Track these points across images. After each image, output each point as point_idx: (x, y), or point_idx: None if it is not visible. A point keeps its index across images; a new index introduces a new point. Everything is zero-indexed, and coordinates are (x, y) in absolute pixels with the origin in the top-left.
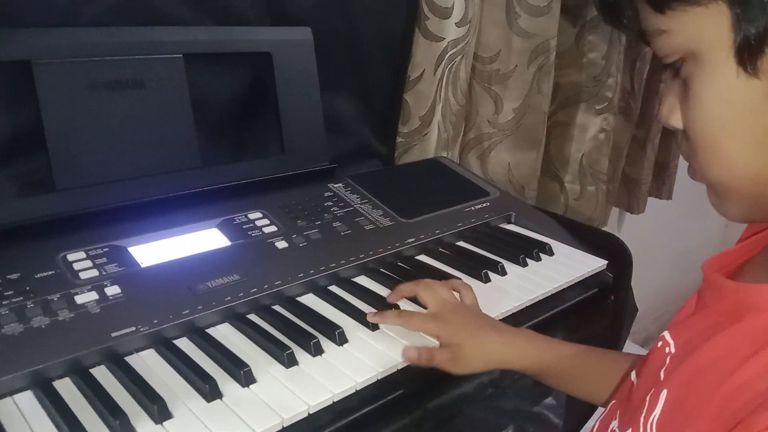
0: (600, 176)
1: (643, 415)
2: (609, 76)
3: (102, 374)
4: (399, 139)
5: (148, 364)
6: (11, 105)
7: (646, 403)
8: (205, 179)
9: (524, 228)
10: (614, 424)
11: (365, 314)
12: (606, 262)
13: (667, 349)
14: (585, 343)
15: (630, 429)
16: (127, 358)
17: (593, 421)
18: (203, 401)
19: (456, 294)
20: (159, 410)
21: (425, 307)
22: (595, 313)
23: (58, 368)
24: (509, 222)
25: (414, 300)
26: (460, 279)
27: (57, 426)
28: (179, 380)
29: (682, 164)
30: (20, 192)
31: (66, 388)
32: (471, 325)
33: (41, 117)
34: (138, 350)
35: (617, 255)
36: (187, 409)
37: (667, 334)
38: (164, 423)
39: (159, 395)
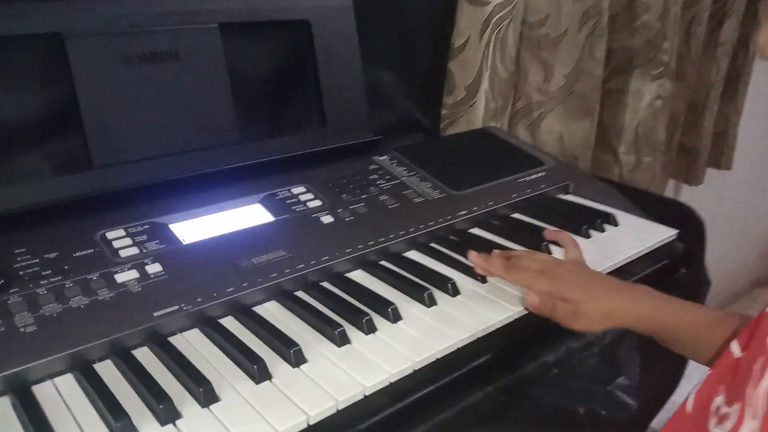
0: (657, 146)
1: (750, 386)
2: (665, 38)
3: (144, 356)
4: (443, 111)
5: (193, 344)
6: (45, 80)
7: (754, 373)
8: (245, 154)
9: (584, 198)
10: (718, 401)
11: (419, 290)
12: (676, 231)
13: None
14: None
15: (737, 403)
16: (171, 339)
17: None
18: (251, 383)
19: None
20: (205, 393)
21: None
22: (665, 286)
23: (98, 350)
24: (567, 192)
25: None
26: (564, 232)
27: (98, 410)
28: (226, 361)
29: (742, 132)
30: (56, 170)
31: (107, 370)
32: (585, 281)
33: (76, 92)
34: (181, 330)
35: (688, 224)
36: (235, 392)
37: None
38: (211, 407)
39: (205, 377)
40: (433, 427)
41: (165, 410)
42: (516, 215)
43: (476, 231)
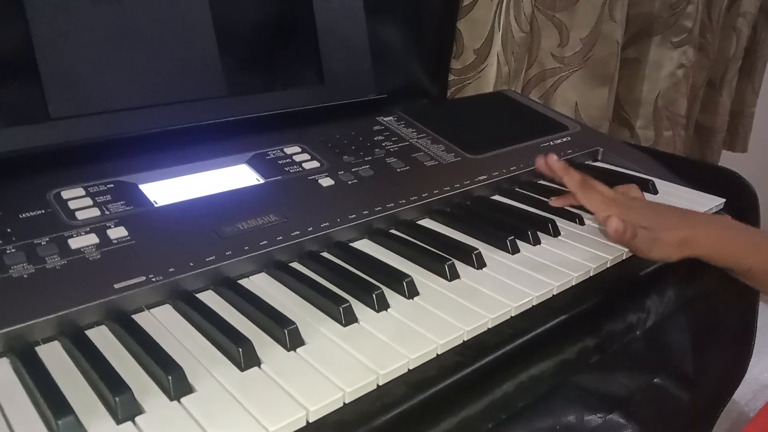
0: (678, 119)
1: None
2: (689, 2)
3: (101, 336)
4: (451, 77)
5: (163, 323)
6: None
7: None
8: (231, 109)
9: (615, 165)
10: None
11: (438, 261)
12: (723, 200)
13: None
14: (700, 301)
15: None
16: (135, 316)
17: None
18: (236, 370)
19: None
20: (175, 382)
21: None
22: None
23: (43, 329)
24: (596, 159)
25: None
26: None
27: (36, 404)
28: (203, 344)
29: (759, 113)
30: (8, 120)
31: (52, 354)
32: (658, 210)
33: (30, 32)
34: (149, 307)
35: (737, 192)
36: (214, 381)
37: None
38: (182, 399)
39: (175, 362)
40: (459, 423)
41: (122, 404)
42: (542, 182)
43: (498, 198)
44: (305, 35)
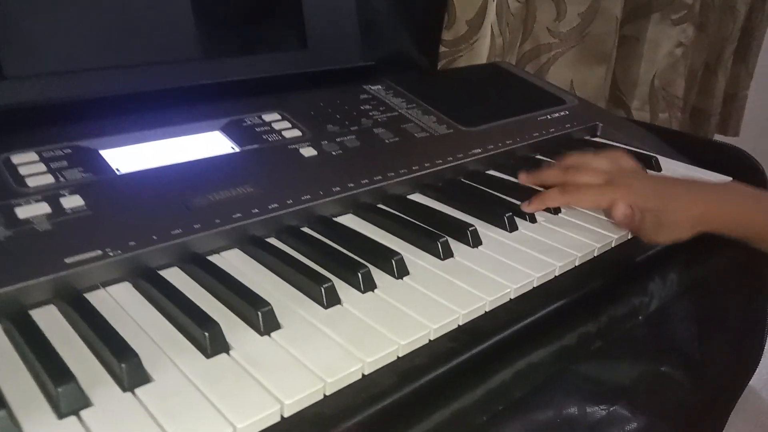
0: (675, 101)
1: None
2: None
3: (48, 317)
4: (442, 49)
5: (119, 303)
6: None
7: None
8: (205, 73)
9: (615, 142)
10: None
11: (430, 238)
12: (729, 179)
13: None
14: (708, 284)
15: None
16: (89, 295)
17: None
18: (201, 357)
19: None
20: (129, 370)
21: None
22: (719, 243)
23: None
24: (595, 135)
25: None
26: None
27: None
28: (165, 327)
29: (752, 96)
30: None
31: None
32: (661, 187)
33: None
34: (105, 284)
35: (743, 170)
36: (176, 370)
37: None
38: (136, 390)
39: (131, 348)
40: (452, 415)
41: (64, 395)
42: (539, 156)
43: (493, 173)
44: None
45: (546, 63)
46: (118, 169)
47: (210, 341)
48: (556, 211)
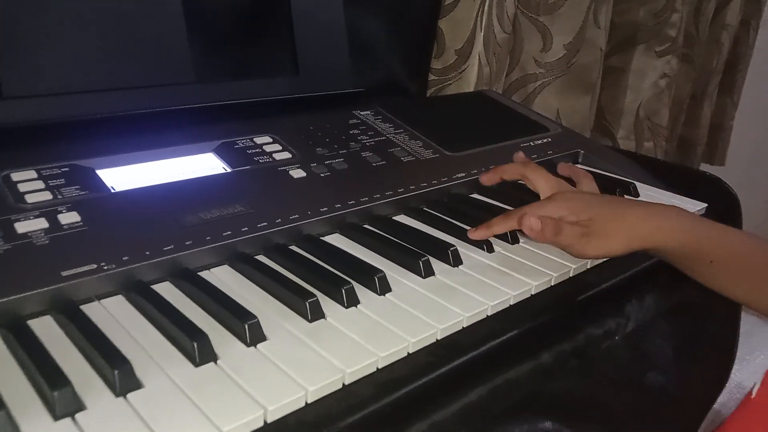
0: (659, 130)
1: None
2: (673, 11)
3: (44, 327)
4: (431, 77)
5: (113, 314)
6: None
7: None
8: (198, 96)
9: (596, 168)
10: None
11: (412, 257)
12: (705, 205)
13: None
14: (683, 308)
15: None
16: (84, 307)
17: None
18: (189, 366)
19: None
20: (121, 377)
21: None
22: None
23: None
24: (576, 161)
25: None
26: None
27: None
28: (156, 337)
29: (738, 127)
30: None
31: None
32: (604, 200)
33: None
34: (99, 297)
35: (719, 197)
36: (165, 377)
37: None
38: (128, 395)
39: (123, 356)
40: (430, 428)
41: (60, 398)
42: (521, 181)
43: (477, 196)
44: (281, 23)
45: (533, 92)
46: (113, 188)
47: (198, 351)
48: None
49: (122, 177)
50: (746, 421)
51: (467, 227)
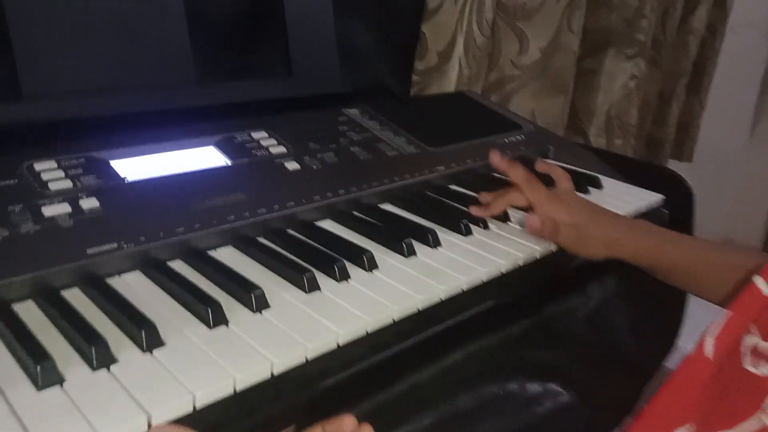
0: (629, 129)
1: None
2: (642, 17)
3: (74, 298)
4: (414, 77)
5: (134, 287)
6: None
7: None
8: (199, 95)
9: (565, 163)
10: (751, 339)
11: (397, 239)
12: (662, 197)
13: None
14: (642, 289)
15: None
16: (108, 280)
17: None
18: (204, 328)
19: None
20: (147, 335)
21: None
22: None
23: (16, 288)
24: (546, 157)
25: None
26: (556, 166)
27: (14, 354)
28: (173, 305)
29: (705, 125)
30: None
31: (28, 311)
32: (590, 208)
33: (5, 14)
34: (120, 272)
35: (675, 190)
36: (184, 337)
37: None
38: (154, 351)
39: (148, 319)
40: (410, 387)
41: (98, 353)
42: (496, 174)
43: (455, 187)
44: (275, 28)
45: (510, 92)
46: (126, 177)
47: (212, 315)
48: (505, 218)
49: (134, 167)
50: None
51: (446, 215)
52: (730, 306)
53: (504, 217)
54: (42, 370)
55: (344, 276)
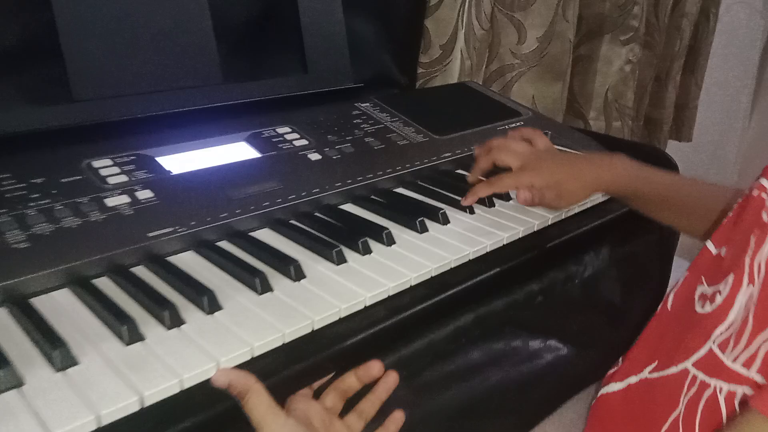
0: (626, 111)
1: (748, 255)
2: (635, 4)
3: (142, 273)
4: (420, 70)
5: (189, 264)
6: (22, 6)
7: (751, 243)
8: (228, 95)
9: (560, 146)
10: (701, 288)
11: (411, 218)
12: None
13: (764, 194)
14: (632, 258)
15: (723, 280)
16: (168, 259)
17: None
18: (254, 294)
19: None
20: (209, 301)
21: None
22: (640, 226)
23: (94, 266)
24: None
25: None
26: (525, 128)
27: (101, 317)
28: (225, 277)
29: (702, 105)
30: (35, 101)
31: (105, 285)
32: (562, 162)
33: (56, 25)
34: (176, 252)
35: (661, 166)
36: (237, 302)
37: (764, 181)
38: (216, 314)
39: (207, 287)
40: (427, 343)
41: (170, 316)
42: None
43: (461, 172)
44: (291, 30)
45: (510, 81)
46: (171, 171)
47: (260, 284)
48: (507, 197)
49: (177, 162)
50: (651, 327)
51: (453, 196)
52: (689, 267)
53: (507, 196)
54: (128, 330)
55: (367, 250)
